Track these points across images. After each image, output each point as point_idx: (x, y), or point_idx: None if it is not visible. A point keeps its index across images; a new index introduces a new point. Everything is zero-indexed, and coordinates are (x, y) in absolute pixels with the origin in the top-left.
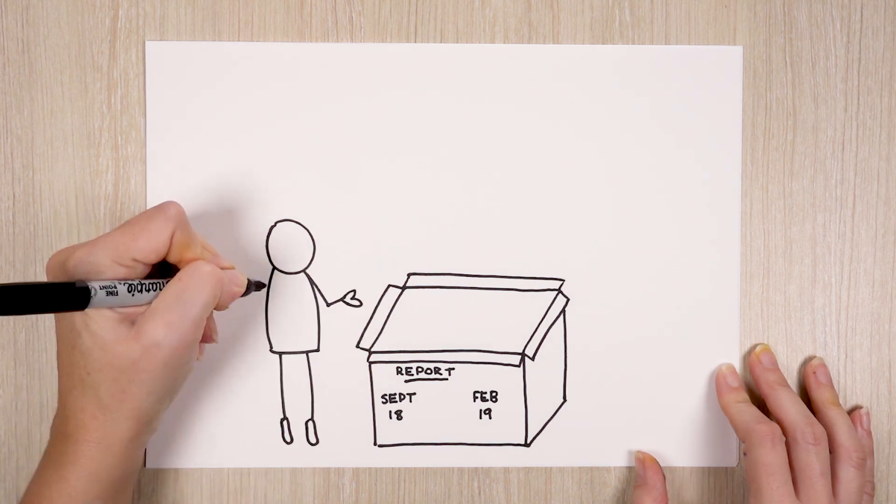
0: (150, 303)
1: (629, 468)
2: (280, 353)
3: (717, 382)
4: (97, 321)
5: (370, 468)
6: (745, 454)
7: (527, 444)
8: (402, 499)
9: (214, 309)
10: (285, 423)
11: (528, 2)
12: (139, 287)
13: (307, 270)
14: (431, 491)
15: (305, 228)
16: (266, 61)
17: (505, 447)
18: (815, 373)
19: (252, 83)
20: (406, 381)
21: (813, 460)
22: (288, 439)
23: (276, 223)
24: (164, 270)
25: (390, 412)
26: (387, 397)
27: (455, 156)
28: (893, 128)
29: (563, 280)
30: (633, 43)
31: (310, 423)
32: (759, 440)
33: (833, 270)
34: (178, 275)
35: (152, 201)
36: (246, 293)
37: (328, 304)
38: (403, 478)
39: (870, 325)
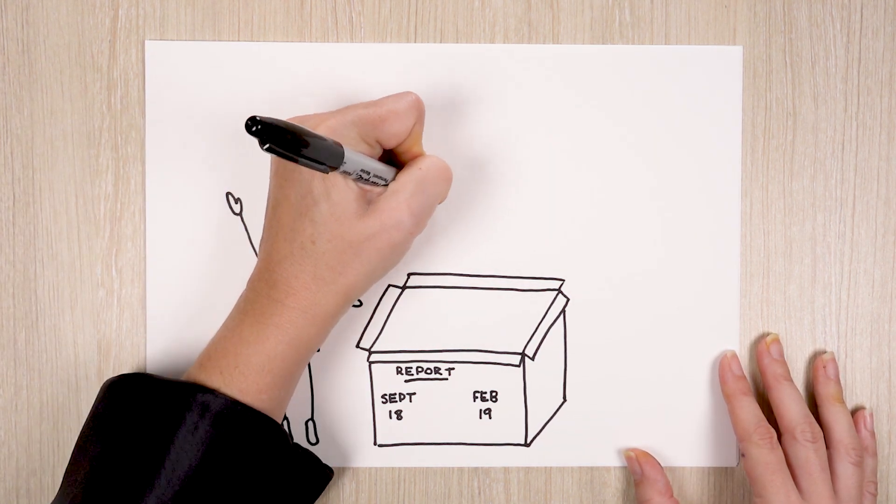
0: (379, 185)
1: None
2: None
3: (721, 369)
4: (340, 191)
5: (370, 468)
6: (742, 455)
7: (527, 444)
8: (402, 499)
9: None
10: (285, 423)
11: (528, 2)
12: (375, 163)
13: None
14: (431, 491)
15: None
16: (266, 61)
17: (505, 447)
18: (825, 367)
19: (252, 83)
20: (406, 381)
21: (812, 457)
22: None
23: None
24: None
25: (390, 412)
26: (387, 397)
27: (454, 155)
28: (893, 128)
29: (563, 280)
30: (633, 43)
31: (310, 423)
32: (759, 441)
33: (833, 270)
34: (419, 163)
35: (152, 201)
36: None
37: None
38: (403, 478)
39: (870, 325)
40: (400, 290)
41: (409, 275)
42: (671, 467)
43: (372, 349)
